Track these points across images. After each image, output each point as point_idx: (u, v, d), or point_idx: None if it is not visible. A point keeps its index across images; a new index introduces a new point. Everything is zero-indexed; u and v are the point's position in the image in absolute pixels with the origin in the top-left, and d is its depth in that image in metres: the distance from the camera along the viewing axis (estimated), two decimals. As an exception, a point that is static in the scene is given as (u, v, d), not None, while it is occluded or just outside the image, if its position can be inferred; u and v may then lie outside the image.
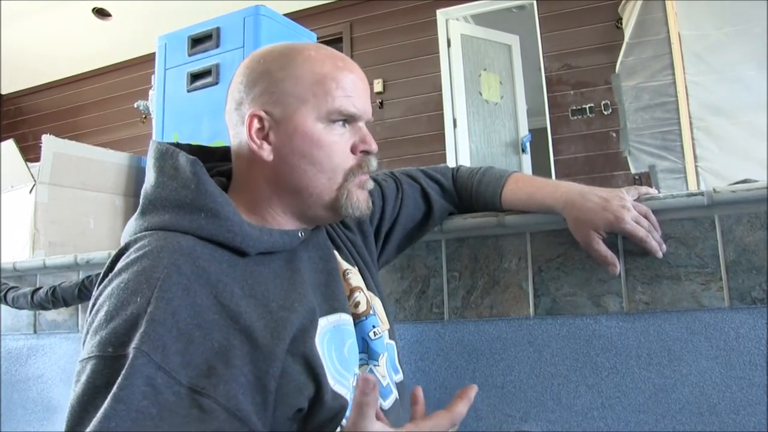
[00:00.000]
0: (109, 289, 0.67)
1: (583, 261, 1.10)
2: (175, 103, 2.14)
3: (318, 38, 2.42)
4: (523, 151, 4.65)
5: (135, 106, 2.99)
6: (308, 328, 0.76)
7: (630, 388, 1.04)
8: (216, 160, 0.91)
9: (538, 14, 4.23)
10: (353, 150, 0.83)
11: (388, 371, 0.91)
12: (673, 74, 3.19)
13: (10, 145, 2.06)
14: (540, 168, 4.45)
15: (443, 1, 4.54)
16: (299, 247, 0.85)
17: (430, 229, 1.14)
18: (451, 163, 4.22)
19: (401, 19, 4.65)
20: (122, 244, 0.76)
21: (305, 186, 0.82)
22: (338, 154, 0.82)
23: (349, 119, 0.82)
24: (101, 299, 0.67)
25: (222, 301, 0.68)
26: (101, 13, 4.96)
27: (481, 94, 4.59)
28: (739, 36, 3.09)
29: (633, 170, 3.28)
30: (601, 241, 1.00)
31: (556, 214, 1.05)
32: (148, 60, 5.19)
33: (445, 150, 4.34)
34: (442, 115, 4.42)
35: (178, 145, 0.84)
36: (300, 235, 0.84)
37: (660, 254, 1.02)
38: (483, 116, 4.57)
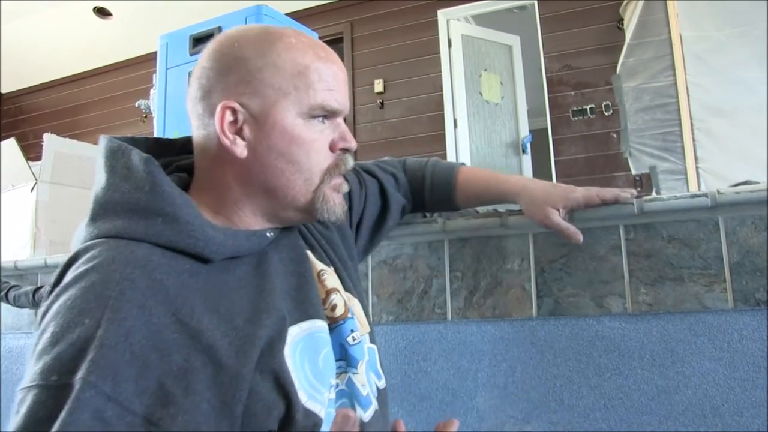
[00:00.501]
0: (55, 306, 0.60)
1: (586, 262, 1.10)
2: (177, 102, 2.14)
3: (319, 38, 2.41)
4: (524, 151, 4.65)
5: (136, 105, 2.98)
6: (276, 341, 0.69)
7: (633, 390, 1.04)
8: (175, 153, 0.84)
9: (539, 15, 4.23)
10: (332, 147, 0.78)
11: (368, 378, 0.85)
12: (674, 75, 3.19)
13: (11, 143, 2.06)
14: (540, 169, 4.45)
15: (444, 1, 4.54)
16: (268, 248, 0.79)
17: (388, 226, 1.08)
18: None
19: (402, 19, 4.65)
20: (72, 252, 0.68)
21: (281, 186, 0.76)
22: (317, 153, 0.76)
23: (329, 115, 0.77)
24: (47, 318, 0.60)
25: (182, 318, 0.62)
26: (102, 12, 4.96)
27: (481, 95, 4.59)
28: (739, 38, 3.09)
29: (634, 171, 3.28)
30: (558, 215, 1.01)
31: (510, 201, 1.07)
32: (149, 59, 5.19)
33: (445, 150, 4.33)
34: (443, 115, 4.42)
35: (132, 139, 0.78)
36: (268, 235, 0.78)
37: (625, 195, 1.01)
38: (483, 117, 4.57)
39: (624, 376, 1.05)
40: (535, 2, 4.27)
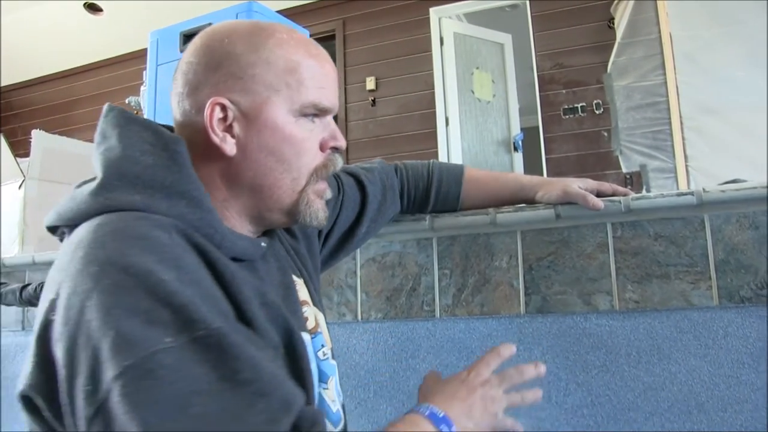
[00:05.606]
0: (96, 296, 0.53)
1: (574, 260, 1.10)
2: (167, 99, 2.12)
3: (311, 35, 2.41)
4: (515, 149, 4.66)
5: (126, 101, 2.96)
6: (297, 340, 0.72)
7: (619, 387, 1.04)
8: None
9: (531, 13, 4.24)
10: (322, 147, 0.76)
11: (336, 395, 0.83)
12: (664, 74, 3.20)
13: (-1, 140, 2.05)
14: (532, 167, 4.46)
15: (436, -1, 4.55)
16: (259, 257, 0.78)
17: (360, 234, 1.05)
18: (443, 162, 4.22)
19: (394, 17, 4.64)
20: (65, 223, 0.66)
21: (267, 185, 0.73)
22: (307, 152, 0.74)
23: (320, 113, 0.75)
24: (99, 303, 0.52)
25: (215, 276, 0.63)
26: (92, 8, 4.92)
27: (473, 93, 4.60)
28: (729, 37, 3.10)
29: (624, 169, 3.29)
30: None
31: (527, 194, 1.11)
32: (139, 56, 5.16)
33: (437, 148, 4.34)
34: (435, 113, 4.42)
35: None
36: (263, 244, 0.77)
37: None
38: (475, 114, 4.58)
39: (611, 373, 1.05)
40: (527, 1, 4.27)
